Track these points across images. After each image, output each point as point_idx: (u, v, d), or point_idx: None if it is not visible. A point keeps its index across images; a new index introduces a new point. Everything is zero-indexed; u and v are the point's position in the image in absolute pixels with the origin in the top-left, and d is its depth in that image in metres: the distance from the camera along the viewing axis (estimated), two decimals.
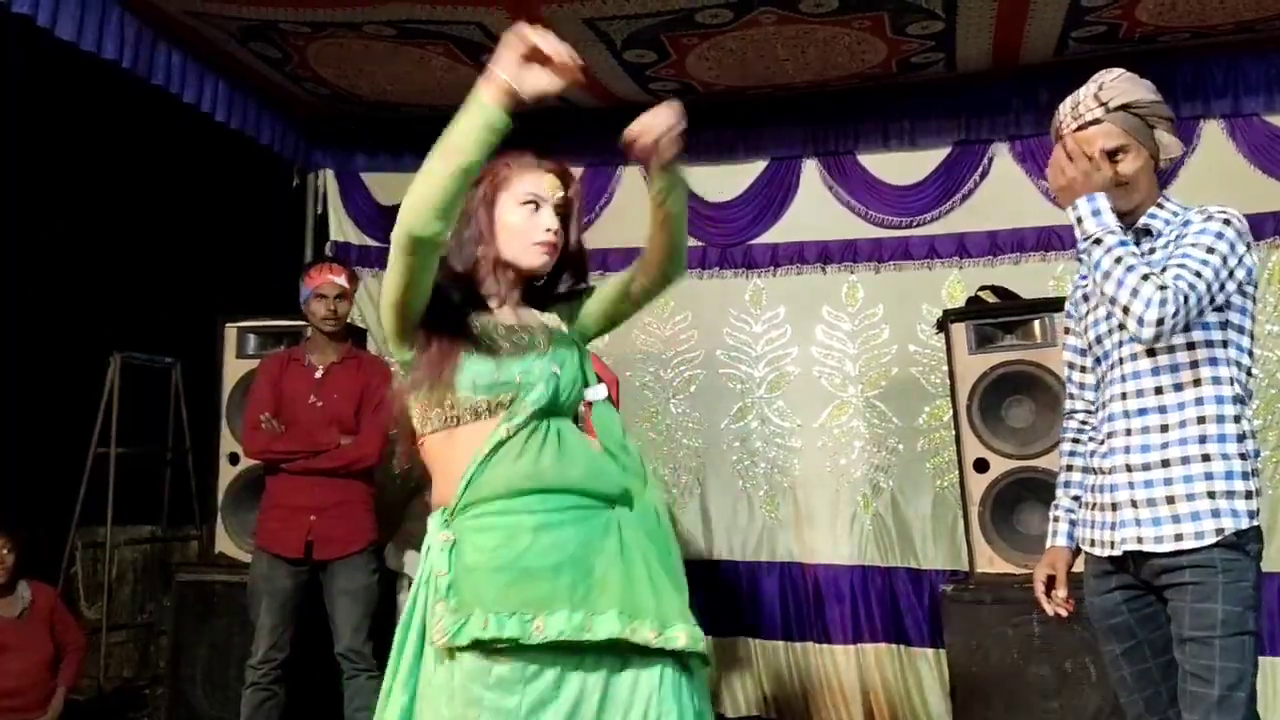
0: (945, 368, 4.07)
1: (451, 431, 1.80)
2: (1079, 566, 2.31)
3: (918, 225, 4.69)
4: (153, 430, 4.82)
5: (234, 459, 4.10)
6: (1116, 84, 2.17)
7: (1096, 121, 2.16)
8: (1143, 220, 2.20)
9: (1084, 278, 2.31)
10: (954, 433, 3.90)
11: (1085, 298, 2.31)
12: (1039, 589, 2.31)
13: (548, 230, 1.90)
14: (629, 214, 4.96)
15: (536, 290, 1.99)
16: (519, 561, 1.70)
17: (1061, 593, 2.28)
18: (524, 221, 1.90)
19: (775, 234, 4.84)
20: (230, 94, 4.28)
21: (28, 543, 3.91)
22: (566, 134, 4.92)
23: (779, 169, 4.83)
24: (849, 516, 4.63)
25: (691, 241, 4.86)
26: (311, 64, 4.31)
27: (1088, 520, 2.24)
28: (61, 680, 3.93)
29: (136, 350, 4.59)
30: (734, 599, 4.69)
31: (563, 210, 1.95)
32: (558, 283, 2.01)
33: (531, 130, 5.28)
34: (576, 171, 4.99)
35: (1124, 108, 2.15)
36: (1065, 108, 2.24)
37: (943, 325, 4.02)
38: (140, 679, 4.76)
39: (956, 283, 4.61)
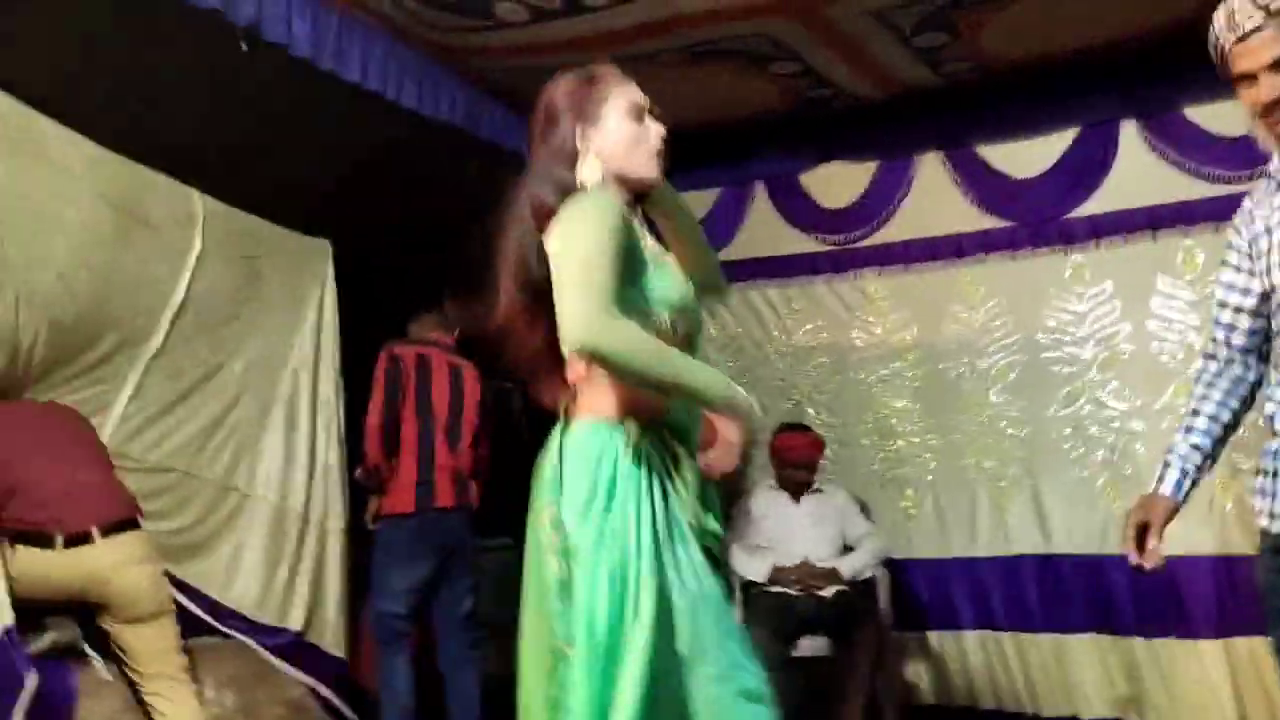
0: None
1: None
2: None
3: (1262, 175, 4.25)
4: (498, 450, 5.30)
5: None
6: None
7: (1258, 30, 1.84)
8: None
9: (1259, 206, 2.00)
10: None
11: (1268, 230, 1.98)
12: (1130, 534, 2.08)
13: (660, 138, 1.87)
14: (925, 206, 4.90)
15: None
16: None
17: (1153, 542, 2.05)
18: (636, 132, 1.85)
19: (1093, 205, 4.56)
20: None
21: None
22: (856, 130, 4.97)
23: (1092, 135, 4.56)
24: (1205, 502, 4.24)
25: (998, 222, 4.74)
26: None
27: (1271, 491, 1.97)
28: None
29: (493, 376, 5.10)
30: (1078, 594, 4.46)
31: (657, 115, 1.91)
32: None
33: (817, 129, 5.35)
34: (871, 166, 5.09)
35: None
36: (1219, 21, 1.91)
37: None
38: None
39: None
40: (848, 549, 4.38)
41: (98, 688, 3.04)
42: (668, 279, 1.80)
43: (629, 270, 1.72)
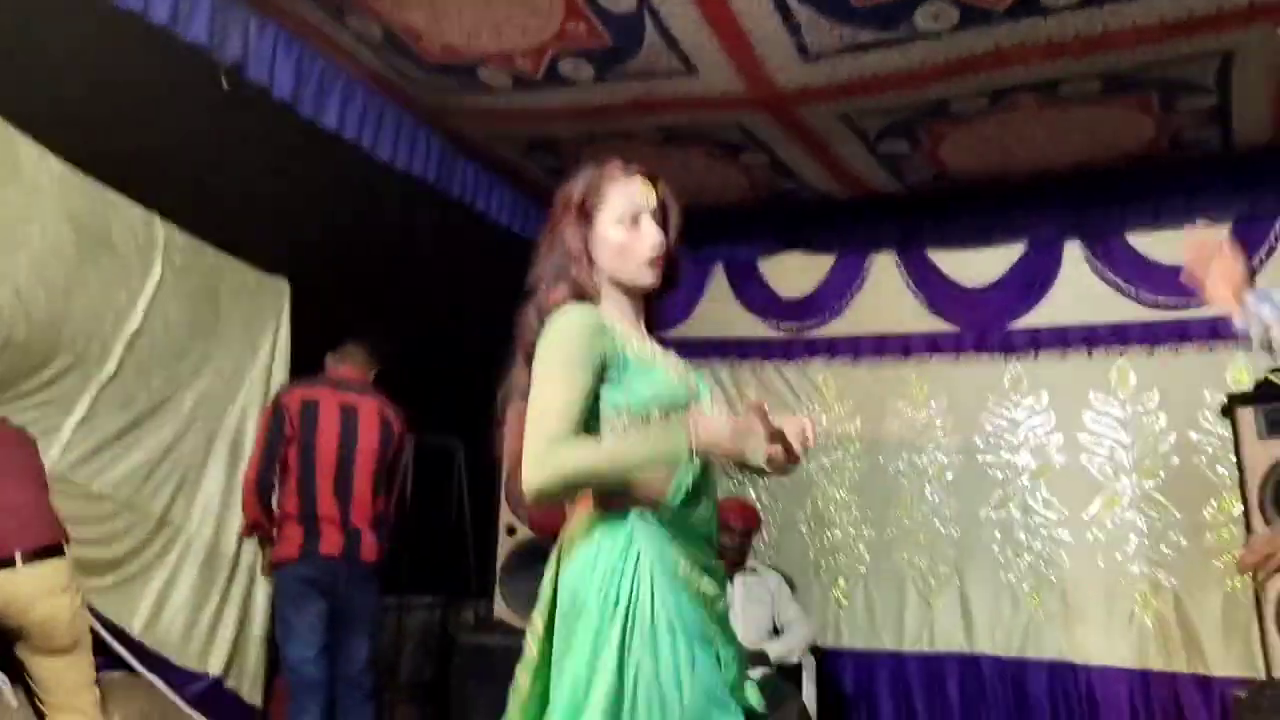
0: (1233, 457, 3.83)
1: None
2: None
3: (1197, 306, 4.46)
4: (439, 506, 5.25)
5: (510, 531, 4.47)
6: None
7: None
8: None
9: None
10: (1245, 527, 3.65)
11: None
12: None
13: (653, 244, 1.84)
14: (877, 303, 5.06)
15: (648, 310, 1.93)
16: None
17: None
18: (628, 239, 1.83)
19: (1035, 317, 4.77)
20: (514, 201, 4.78)
21: None
22: (817, 224, 5.13)
23: (1039, 251, 4.78)
24: (1126, 615, 4.38)
25: (946, 326, 4.90)
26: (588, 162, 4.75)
27: None
28: None
29: (429, 432, 5.06)
30: (997, 696, 4.52)
31: (658, 214, 1.88)
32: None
33: (779, 219, 5.48)
34: (828, 260, 5.23)
35: None
36: None
37: (1228, 411, 3.79)
38: None
39: (1243, 367, 4.33)
40: (776, 632, 4.40)
41: (2, 713, 2.92)
42: (656, 379, 1.79)
43: (610, 374, 1.76)
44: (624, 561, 1.68)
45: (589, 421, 1.72)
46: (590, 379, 1.71)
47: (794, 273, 5.22)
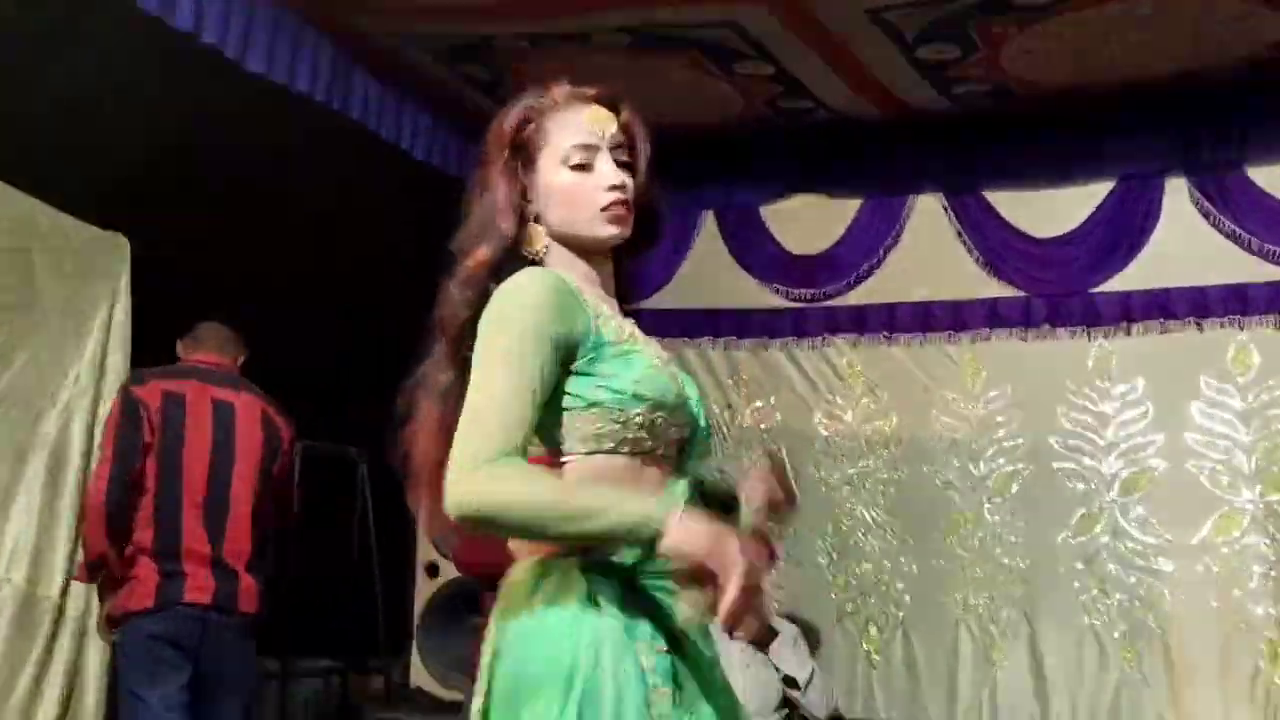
0: None
1: (630, 461, 1.76)
2: None
3: None
4: (336, 538, 5.22)
5: (432, 570, 4.44)
6: None
7: None
8: None
9: None
10: None
11: None
12: None
13: (612, 187, 1.81)
14: (919, 262, 5.05)
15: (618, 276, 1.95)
16: None
17: None
18: (578, 183, 1.83)
19: (1128, 279, 4.79)
20: (432, 127, 4.74)
21: None
22: (838, 156, 5.11)
23: (1131, 191, 4.79)
24: (1248, 673, 4.41)
25: (1011, 291, 4.90)
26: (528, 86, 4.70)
27: None
28: None
29: (319, 437, 5.03)
30: None
31: (622, 146, 1.86)
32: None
33: (789, 151, 5.46)
34: (854, 204, 5.22)
35: None
36: None
37: None
38: None
39: None
40: (786, 704, 4.40)
41: None
42: (636, 369, 1.77)
43: (580, 358, 1.74)
44: (578, 627, 1.67)
45: (544, 418, 1.70)
46: (552, 363, 1.70)
47: (808, 222, 5.22)
